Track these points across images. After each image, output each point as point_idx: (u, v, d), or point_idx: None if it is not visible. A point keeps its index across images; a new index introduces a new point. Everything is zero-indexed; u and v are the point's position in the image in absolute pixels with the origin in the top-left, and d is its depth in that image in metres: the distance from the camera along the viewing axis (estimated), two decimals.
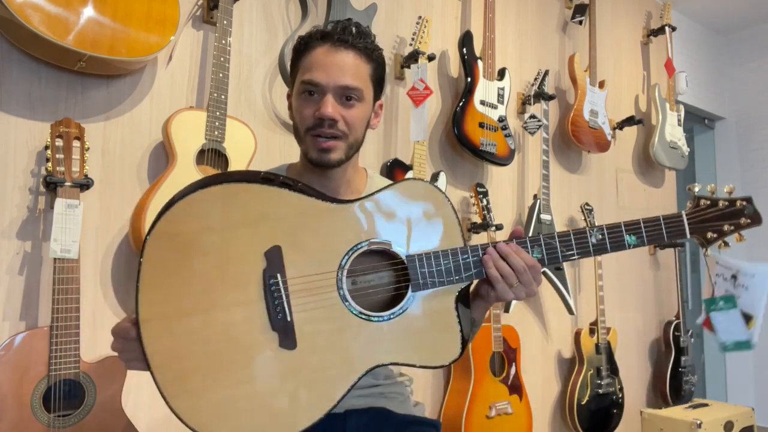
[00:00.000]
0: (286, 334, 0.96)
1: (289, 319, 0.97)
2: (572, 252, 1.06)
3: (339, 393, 0.96)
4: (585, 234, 1.06)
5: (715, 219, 1.10)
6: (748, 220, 1.10)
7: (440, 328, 1.01)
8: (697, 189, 1.12)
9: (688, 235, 1.09)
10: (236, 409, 0.93)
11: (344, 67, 1.07)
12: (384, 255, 1.03)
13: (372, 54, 1.11)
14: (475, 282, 1.08)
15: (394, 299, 1.02)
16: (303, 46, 1.11)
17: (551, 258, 1.05)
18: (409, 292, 1.01)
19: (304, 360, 0.96)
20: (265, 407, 0.94)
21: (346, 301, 0.99)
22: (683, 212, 1.10)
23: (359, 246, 1.01)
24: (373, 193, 1.04)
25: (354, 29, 1.09)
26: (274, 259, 0.97)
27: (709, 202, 1.11)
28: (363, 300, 1.03)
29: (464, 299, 1.04)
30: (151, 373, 0.91)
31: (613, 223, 1.07)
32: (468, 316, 1.04)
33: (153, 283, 0.95)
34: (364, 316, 0.99)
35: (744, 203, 1.11)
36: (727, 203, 1.10)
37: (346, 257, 1.00)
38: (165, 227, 0.96)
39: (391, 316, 1.00)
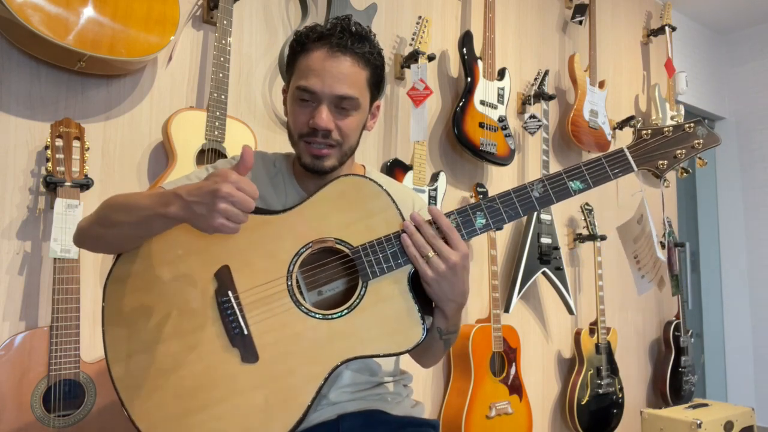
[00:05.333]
0: (246, 348, 0.98)
1: (246, 332, 0.98)
2: (516, 210, 1.03)
3: (308, 397, 0.97)
4: (526, 189, 1.03)
5: (663, 147, 1.05)
6: (702, 141, 1.05)
7: (398, 312, 1.00)
8: (639, 124, 1.09)
9: (635, 168, 1.05)
10: (210, 431, 0.95)
11: (340, 75, 1.04)
12: (334, 253, 1.04)
13: (370, 59, 1.08)
14: None
15: (353, 293, 1.03)
16: (299, 47, 1.08)
17: (496, 220, 1.02)
18: (361, 284, 1.01)
19: (269, 370, 0.97)
20: (238, 424, 0.95)
21: (300, 304, 1.00)
22: (624, 146, 1.06)
23: (303, 249, 1.02)
24: (309, 197, 1.05)
25: (353, 30, 1.06)
26: (223, 278, 1.00)
27: (651, 132, 1.06)
28: (330, 303, 1.04)
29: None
30: (125, 409, 0.96)
31: (552, 173, 1.04)
32: (430, 299, 1.03)
33: (116, 323, 0.99)
34: (320, 316, 1.00)
35: (693, 126, 1.05)
36: (672, 129, 1.05)
37: (293, 262, 1.01)
38: (121, 269, 1.01)
39: (347, 311, 1.00)
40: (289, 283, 1.00)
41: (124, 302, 1.00)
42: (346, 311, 1.00)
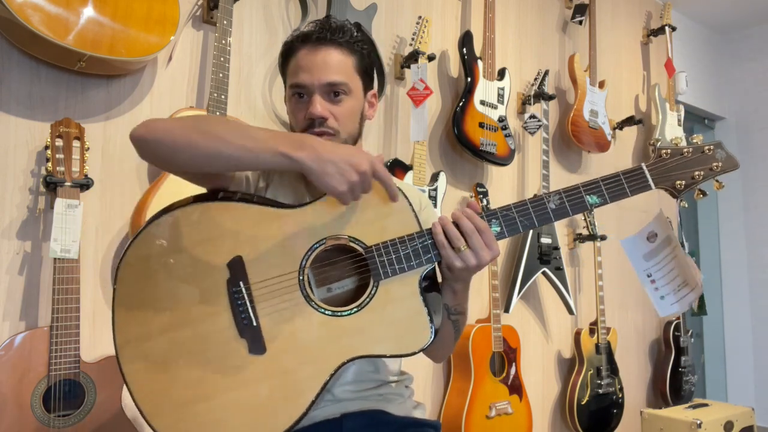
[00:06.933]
0: (254, 339, 0.98)
1: (255, 324, 0.98)
2: (531, 221, 1.03)
3: (312, 393, 0.97)
4: (542, 201, 1.03)
5: (682, 167, 1.06)
6: (720, 164, 1.05)
7: (407, 314, 1.01)
8: (659, 143, 1.09)
9: (653, 187, 1.05)
10: (213, 420, 0.95)
11: (326, 64, 1.09)
12: (347, 251, 1.04)
13: (353, 46, 1.13)
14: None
15: (362, 292, 1.03)
16: (287, 52, 1.14)
17: (511, 229, 1.03)
18: (372, 283, 1.01)
19: (275, 363, 0.98)
20: (241, 415, 0.96)
21: (310, 300, 1.00)
22: (643, 164, 1.06)
23: (317, 245, 1.02)
24: (325, 194, 1.04)
25: (332, 24, 1.11)
26: (236, 268, 1.00)
27: (670, 151, 1.06)
28: (338, 300, 1.05)
29: (434, 285, 1.04)
30: (130, 393, 0.95)
31: (570, 186, 1.04)
32: (439, 301, 1.04)
33: (126, 307, 0.99)
34: (329, 313, 1.00)
35: (712, 148, 1.06)
36: (691, 150, 1.06)
37: (306, 258, 1.01)
38: (134, 252, 1.01)
39: (356, 309, 1.00)
40: (301, 278, 1.00)
41: (135, 287, 0.99)
42: (355, 309, 1.00)
